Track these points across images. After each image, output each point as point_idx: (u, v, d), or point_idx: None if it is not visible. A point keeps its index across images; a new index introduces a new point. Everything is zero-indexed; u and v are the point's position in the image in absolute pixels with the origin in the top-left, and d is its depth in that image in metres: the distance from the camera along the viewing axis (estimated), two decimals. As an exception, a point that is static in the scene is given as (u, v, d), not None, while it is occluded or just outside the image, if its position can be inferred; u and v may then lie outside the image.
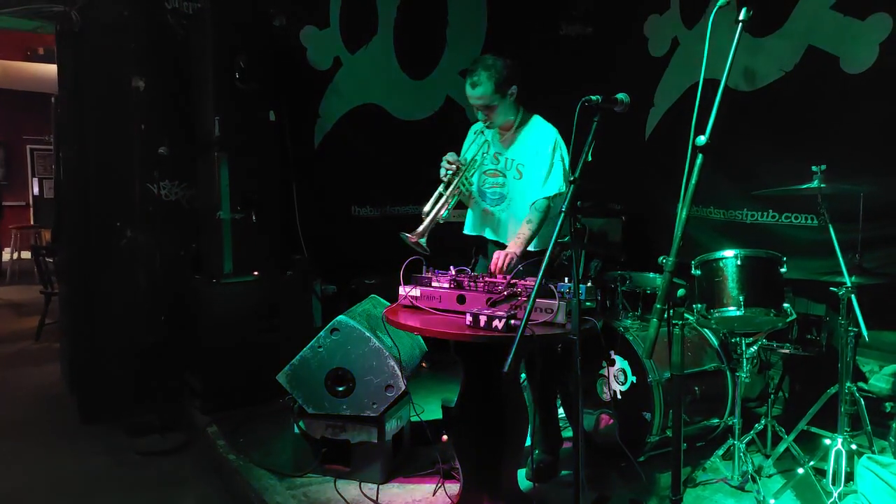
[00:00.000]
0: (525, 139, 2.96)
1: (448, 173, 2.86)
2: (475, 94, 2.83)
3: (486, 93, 2.80)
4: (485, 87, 2.80)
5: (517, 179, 2.96)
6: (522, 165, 2.94)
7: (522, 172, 2.94)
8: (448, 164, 2.87)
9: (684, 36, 4.53)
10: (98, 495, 3.24)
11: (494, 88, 2.80)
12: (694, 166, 1.86)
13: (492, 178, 3.03)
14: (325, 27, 4.88)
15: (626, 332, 3.17)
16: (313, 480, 3.06)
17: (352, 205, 5.08)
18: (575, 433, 2.92)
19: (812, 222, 3.71)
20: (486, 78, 2.79)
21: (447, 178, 2.86)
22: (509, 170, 2.98)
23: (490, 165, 3.03)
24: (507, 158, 2.99)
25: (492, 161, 3.02)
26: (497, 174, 3.01)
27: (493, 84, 2.79)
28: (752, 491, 2.84)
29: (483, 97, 2.81)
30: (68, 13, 4.04)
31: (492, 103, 2.83)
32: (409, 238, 2.72)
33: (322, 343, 3.08)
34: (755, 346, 3.07)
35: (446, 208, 2.84)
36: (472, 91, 2.83)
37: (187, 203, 4.30)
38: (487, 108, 2.86)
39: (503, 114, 2.90)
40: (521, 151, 2.95)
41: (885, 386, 3.36)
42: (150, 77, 4.15)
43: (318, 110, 4.89)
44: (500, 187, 3.00)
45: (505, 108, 2.89)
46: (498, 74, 2.80)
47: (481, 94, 2.81)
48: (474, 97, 2.84)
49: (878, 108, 3.46)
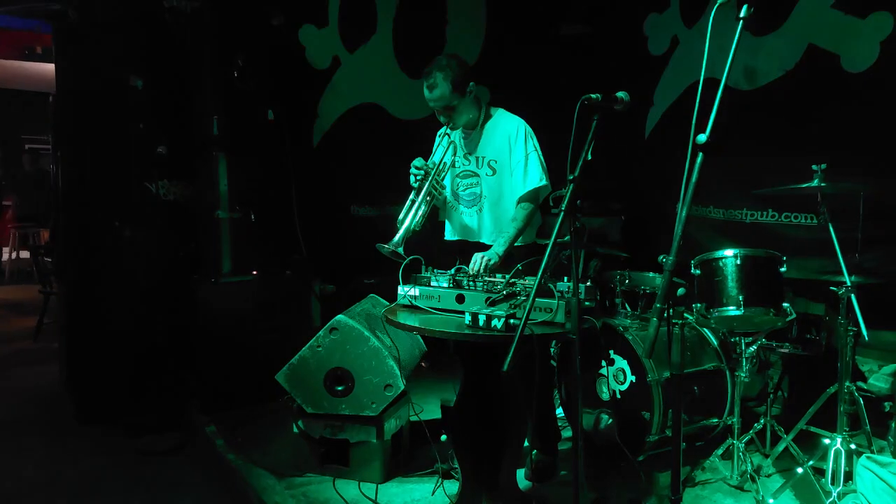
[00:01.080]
0: (492, 134, 2.93)
1: (417, 180, 2.84)
2: (433, 97, 2.80)
3: (445, 93, 2.78)
4: (442, 88, 2.77)
5: (490, 176, 2.94)
6: (495, 161, 2.91)
7: (495, 168, 2.92)
8: (416, 169, 2.85)
9: (684, 34, 4.53)
10: (96, 495, 3.24)
11: (452, 88, 2.77)
12: (694, 165, 1.85)
13: (465, 180, 3.01)
14: (324, 26, 4.87)
15: (626, 332, 3.16)
16: (312, 480, 3.06)
17: (351, 204, 5.07)
18: (574, 433, 2.91)
19: (812, 221, 3.71)
20: (441, 79, 2.77)
21: (417, 185, 2.84)
22: (481, 168, 2.96)
23: (462, 167, 3.00)
24: (478, 157, 2.97)
25: (463, 162, 3.00)
26: (470, 174, 2.99)
27: (449, 84, 2.77)
28: (751, 490, 2.84)
29: (442, 98, 2.79)
30: (66, 12, 4.03)
31: (451, 103, 2.81)
32: (384, 248, 2.70)
33: (321, 343, 3.07)
34: (754, 345, 3.07)
35: (421, 215, 2.81)
36: (429, 94, 2.81)
37: (186, 202, 4.28)
38: (447, 109, 2.84)
39: (465, 112, 2.88)
40: (490, 147, 2.92)
41: (885, 385, 3.35)
42: (149, 76, 4.14)
43: (317, 109, 4.88)
44: (475, 187, 2.98)
45: (466, 107, 2.86)
46: (454, 73, 2.78)
47: (439, 95, 2.78)
48: (433, 100, 2.81)
49: (879, 107, 3.46)
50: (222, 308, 3.93)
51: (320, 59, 4.87)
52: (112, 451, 3.69)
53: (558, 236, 2.02)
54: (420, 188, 2.83)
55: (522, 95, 3.14)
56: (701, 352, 3.27)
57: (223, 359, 3.89)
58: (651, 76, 4.71)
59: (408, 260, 2.61)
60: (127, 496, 3.22)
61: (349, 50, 4.98)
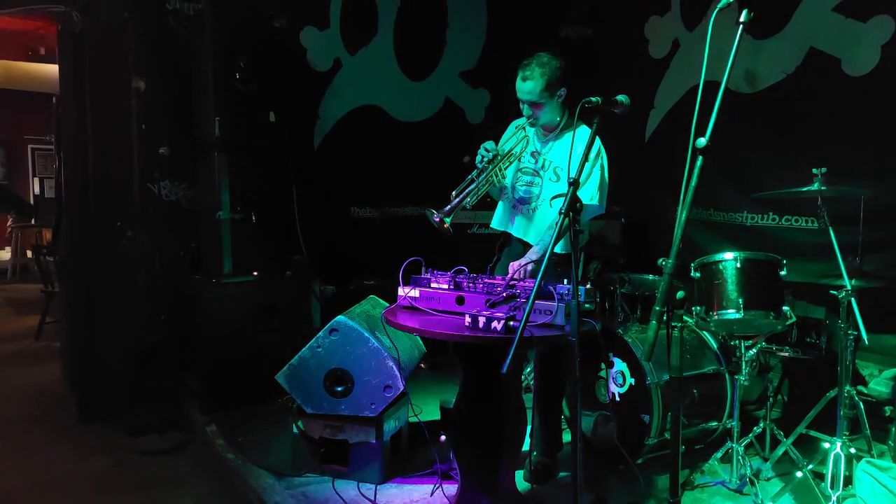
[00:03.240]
0: (568, 143, 2.93)
1: (483, 161, 2.84)
2: (525, 89, 2.82)
3: (536, 89, 2.80)
4: (536, 83, 2.79)
5: (553, 182, 2.94)
6: (561, 169, 2.92)
7: (560, 176, 2.92)
8: (486, 150, 2.85)
9: (685, 38, 4.53)
10: (97, 494, 3.24)
11: (545, 86, 2.79)
12: (694, 168, 1.86)
13: (527, 177, 3.02)
14: (326, 28, 4.88)
15: (625, 335, 3.17)
16: (312, 480, 3.06)
17: (351, 205, 5.09)
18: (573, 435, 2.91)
19: (812, 225, 3.71)
20: (538, 74, 2.79)
21: (481, 166, 2.84)
22: (546, 171, 2.97)
23: (527, 164, 3.01)
24: (546, 160, 2.98)
25: (529, 160, 3.01)
26: (533, 173, 3.00)
27: (544, 81, 2.79)
28: (750, 494, 2.84)
29: (532, 93, 2.81)
30: (70, 13, 4.05)
31: (539, 101, 2.83)
32: (434, 215, 2.69)
33: (321, 343, 3.08)
34: (754, 348, 3.07)
35: (475, 195, 2.81)
36: (522, 85, 2.83)
37: (187, 203, 4.30)
38: (534, 105, 2.85)
39: (548, 113, 2.89)
40: (562, 155, 2.92)
41: (885, 390, 3.35)
42: (151, 77, 4.15)
43: (318, 111, 4.90)
44: (534, 186, 2.99)
45: (551, 109, 2.88)
46: (551, 73, 2.80)
47: (531, 89, 2.80)
48: (524, 91, 2.83)
49: (880, 111, 3.46)
50: (223, 308, 3.94)
51: (321, 60, 4.88)
52: (113, 451, 3.70)
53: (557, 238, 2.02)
54: (483, 169, 2.81)
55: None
56: (700, 355, 3.27)
57: (224, 359, 3.90)
58: (652, 79, 4.71)
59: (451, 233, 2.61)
60: (128, 495, 3.22)
61: (350, 52, 4.99)
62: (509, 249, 3.08)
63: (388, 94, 5.19)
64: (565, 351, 2.87)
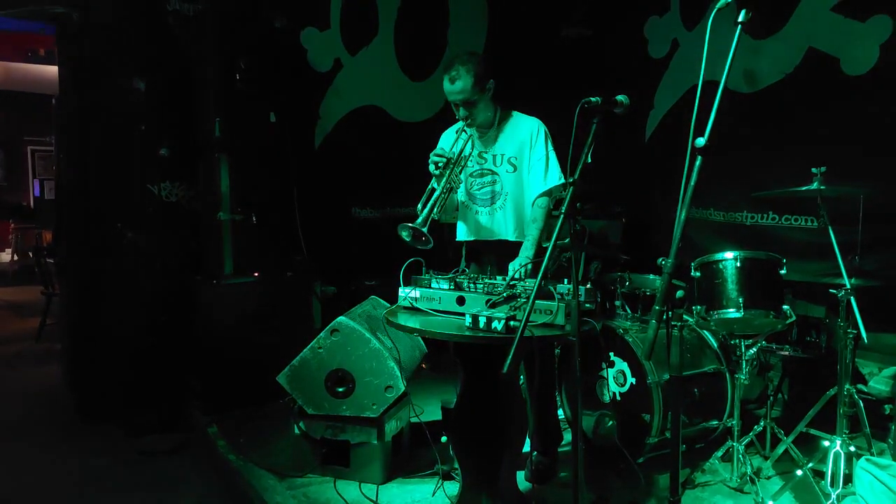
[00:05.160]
0: (511, 132, 2.95)
1: (439, 167, 2.82)
2: (455, 90, 2.81)
3: (466, 87, 2.79)
4: (464, 81, 2.79)
5: (511, 173, 2.94)
6: (515, 158, 2.93)
7: (516, 165, 2.93)
8: (437, 156, 2.84)
9: (684, 37, 4.54)
10: (98, 495, 3.25)
11: (474, 82, 2.79)
12: (693, 168, 1.86)
13: (480, 179, 3.01)
14: (326, 29, 4.89)
15: (626, 334, 3.17)
16: (313, 481, 3.06)
17: (352, 206, 5.09)
18: (574, 434, 2.92)
19: (812, 224, 3.71)
20: (465, 72, 2.79)
21: (438, 173, 2.83)
22: (500, 165, 2.96)
23: (477, 167, 3.00)
24: (496, 155, 2.97)
25: (477, 161, 3.00)
26: (485, 173, 2.99)
27: (472, 78, 2.78)
28: (750, 492, 2.85)
29: (463, 91, 2.80)
30: (69, 14, 4.05)
31: (472, 98, 2.82)
32: (410, 233, 2.68)
33: (322, 344, 3.08)
34: (754, 347, 3.07)
35: (441, 203, 2.78)
36: (451, 87, 2.82)
37: (188, 204, 4.30)
38: (468, 104, 2.84)
39: (483, 110, 2.89)
40: (510, 145, 2.94)
41: (885, 388, 3.35)
42: (151, 78, 4.15)
43: (319, 111, 4.90)
44: (495, 185, 2.98)
45: (485, 104, 2.88)
46: (476, 67, 2.80)
47: (461, 88, 2.80)
48: (454, 92, 2.82)
49: (879, 110, 3.46)
50: (224, 309, 3.94)
51: (322, 61, 4.89)
52: (114, 451, 3.70)
53: (558, 239, 2.03)
54: (441, 176, 2.80)
55: (523, 98, 3.14)
56: (701, 354, 3.27)
57: (224, 360, 3.90)
58: (651, 79, 4.72)
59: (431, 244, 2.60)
60: (128, 496, 3.23)
61: (351, 52, 5.00)
62: (478, 260, 3.05)
63: (389, 95, 5.19)
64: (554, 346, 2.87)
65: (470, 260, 3.10)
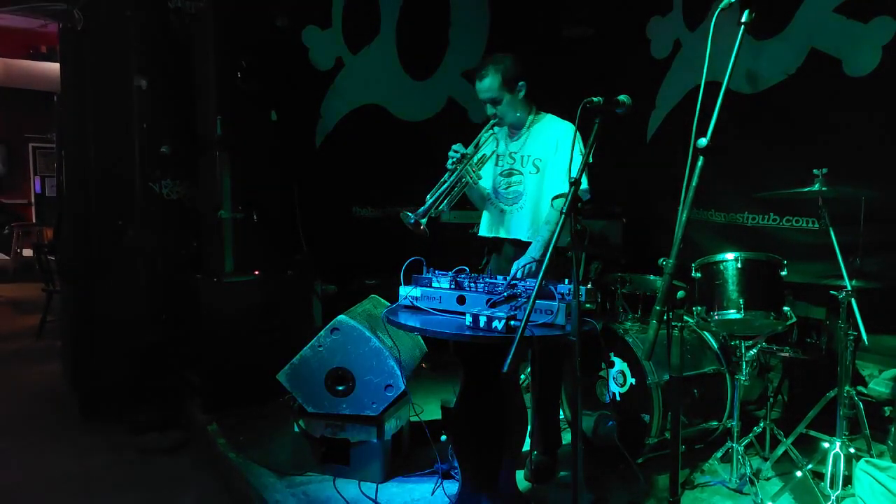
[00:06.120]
0: (540, 134, 2.97)
1: (453, 162, 2.86)
2: (483, 87, 2.88)
3: (493, 85, 2.85)
4: (492, 80, 2.85)
5: (534, 174, 2.96)
6: (540, 160, 2.94)
7: (539, 167, 2.94)
8: (454, 152, 2.88)
9: (686, 38, 4.53)
10: (98, 493, 3.25)
11: (501, 82, 2.85)
12: (695, 168, 1.86)
13: (507, 178, 3.03)
14: (328, 27, 4.89)
15: (626, 334, 3.17)
16: (313, 479, 3.06)
17: (353, 205, 5.09)
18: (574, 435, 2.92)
19: (813, 226, 3.71)
20: (493, 71, 2.86)
21: (451, 167, 2.86)
22: (525, 166, 2.98)
23: (504, 165, 3.03)
24: (523, 156, 2.99)
25: (507, 161, 3.03)
26: (513, 173, 3.02)
27: (500, 77, 2.85)
28: (750, 494, 2.85)
29: (490, 90, 2.86)
30: (71, 12, 4.05)
31: (498, 96, 2.87)
32: (410, 217, 2.71)
33: (322, 342, 3.08)
34: (755, 349, 3.07)
35: (450, 196, 2.83)
36: (479, 84, 2.90)
37: (189, 202, 4.31)
38: (494, 102, 2.90)
39: (512, 110, 2.92)
40: (537, 147, 2.96)
41: (885, 390, 3.35)
42: (153, 76, 4.16)
43: (320, 110, 4.90)
44: (518, 185, 3.00)
45: (513, 104, 2.91)
46: (505, 69, 2.86)
47: (488, 86, 2.86)
48: (482, 90, 2.89)
49: (881, 112, 3.46)
50: (224, 307, 3.94)
51: (323, 60, 4.89)
52: (114, 449, 3.71)
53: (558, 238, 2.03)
54: (453, 171, 2.85)
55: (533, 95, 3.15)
56: (701, 355, 3.27)
57: (225, 358, 3.90)
58: (653, 79, 4.71)
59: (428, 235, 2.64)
60: (129, 493, 3.23)
61: (352, 51, 5.00)
62: (499, 254, 3.07)
63: (391, 94, 5.19)
64: (561, 349, 2.88)
65: (491, 253, 3.12)
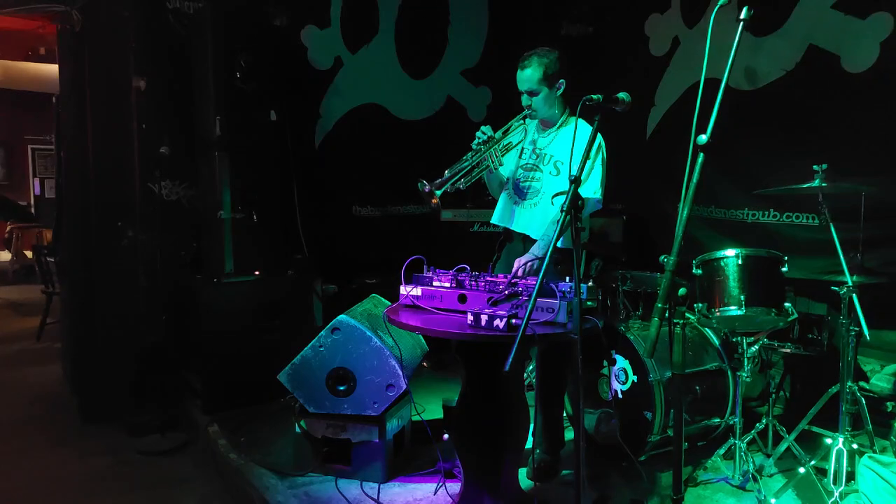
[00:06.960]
0: (566, 136, 2.97)
1: (479, 143, 2.88)
2: (524, 77, 2.90)
3: (534, 77, 2.86)
4: (533, 71, 2.87)
5: (553, 176, 2.96)
6: (561, 163, 2.95)
7: (560, 170, 2.95)
8: (482, 133, 2.90)
9: (685, 35, 4.53)
10: (99, 495, 3.25)
11: (542, 75, 2.86)
12: (695, 165, 1.86)
13: (527, 172, 3.04)
14: (326, 27, 4.88)
15: (627, 332, 3.17)
16: (314, 479, 3.06)
17: (353, 204, 5.09)
18: (576, 432, 2.92)
19: (813, 221, 3.71)
20: (536, 63, 2.87)
21: (476, 146, 2.88)
22: (546, 165, 2.99)
23: (528, 159, 3.04)
24: (547, 154, 3.00)
25: (530, 155, 3.04)
26: (534, 168, 3.03)
27: (541, 70, 2.86)
28: (753, 490, 2.84)
29: (531, 80, 2.88)
30: (70, 13, 4.05)
31: (537, 89, 2.88)
32: (426, 185, 2.72)
33: (323, 342, 3.08)
34: (756, 345, 3.07)
35: (469, 175, 2.85)
36: (520, 73, 2.91)
37: (188, 203, 4.30)
38: (531, 94, 2.91)
39: (547, 105, 2.93)
40: (561, 148, 2.96)
41: (887, 385, 3.36)
42: (151, 77, 4.15)
43: (319, 110, 4.90)
44: (535, 181, 3.01)
45: (549, 100, 2.92)
46: (549, 63, 2.87)
47: (529, 76, 2.88)
48: (523, 79, 2.90)
49: (880, 107, 3.46)
50: (224, 308, 3.94)
51: (322, 59, 4.88)
52: (115, 451, 3.70)
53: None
54: (477, 151, 2.86)
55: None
56: (703, 352, 3.27)
57: (225, 359, 3.90)
58: (652, 77, 4.71)
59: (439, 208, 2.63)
60: (129, 496, 3.23)
61: (351, 50, 4.99)
62: (510, 247, 3.08)
63: (390, 93, 5.19)
64: (566, 348, 2.88)
65: (504, 246, 3.13)
